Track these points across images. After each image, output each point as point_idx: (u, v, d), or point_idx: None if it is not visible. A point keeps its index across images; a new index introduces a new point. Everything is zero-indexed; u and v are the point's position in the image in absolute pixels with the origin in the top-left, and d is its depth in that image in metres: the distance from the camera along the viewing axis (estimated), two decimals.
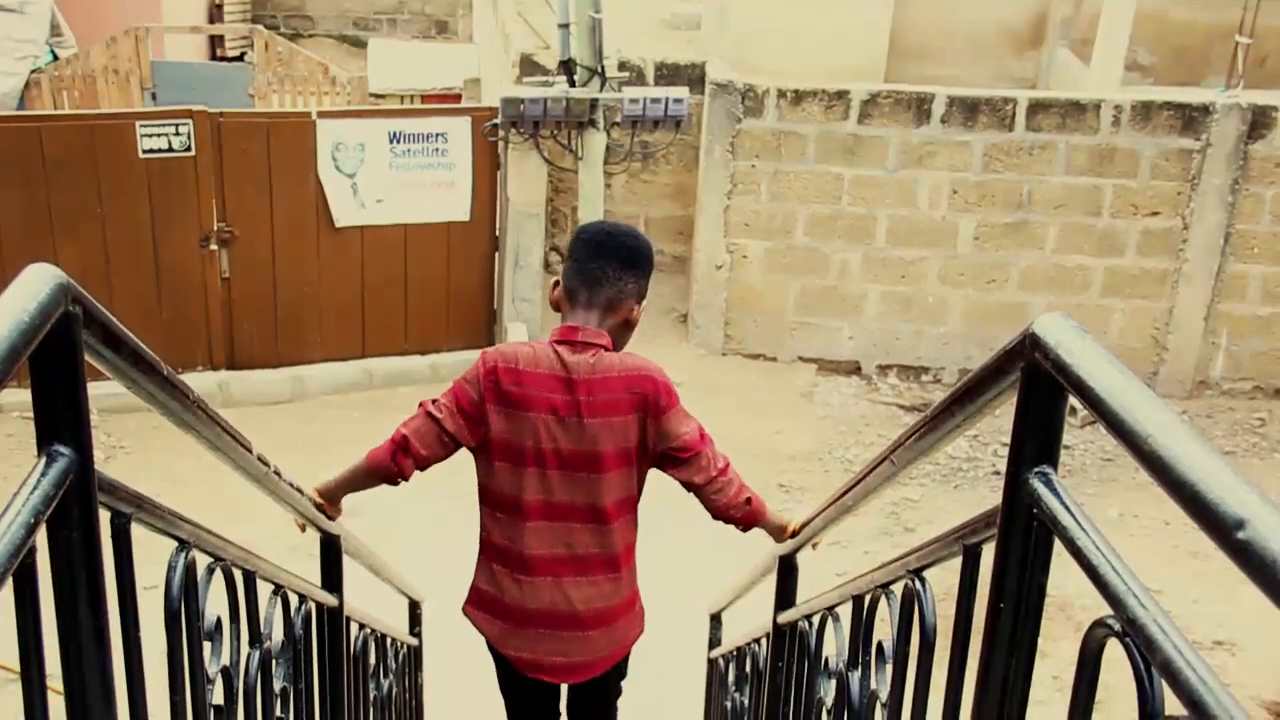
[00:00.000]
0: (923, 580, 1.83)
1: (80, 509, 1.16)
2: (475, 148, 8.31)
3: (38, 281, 1.05)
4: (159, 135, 7.72)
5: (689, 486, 2.76)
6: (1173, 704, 0.96)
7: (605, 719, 3.18)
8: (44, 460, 1.11)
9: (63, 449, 1.13)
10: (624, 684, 3.15)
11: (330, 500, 2.84)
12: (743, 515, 2.82)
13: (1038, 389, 1.21)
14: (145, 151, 7.72)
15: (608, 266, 2.69)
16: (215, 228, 8.02)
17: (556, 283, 2.80)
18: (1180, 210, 8.67)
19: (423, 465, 2.73)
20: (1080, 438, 8.16)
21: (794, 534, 2.88)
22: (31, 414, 1.13)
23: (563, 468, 2.67)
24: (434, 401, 2.71)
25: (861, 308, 9.02)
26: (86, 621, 1.18)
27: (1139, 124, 8.51)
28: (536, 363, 2.65)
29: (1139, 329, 8.95)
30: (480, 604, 2.86)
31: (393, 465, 2.71)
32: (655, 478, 2.85)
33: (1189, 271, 8.78)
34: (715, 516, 2.83)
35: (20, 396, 7.37)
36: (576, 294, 2.72)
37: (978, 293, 8.93)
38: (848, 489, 2.25)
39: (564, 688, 3.05)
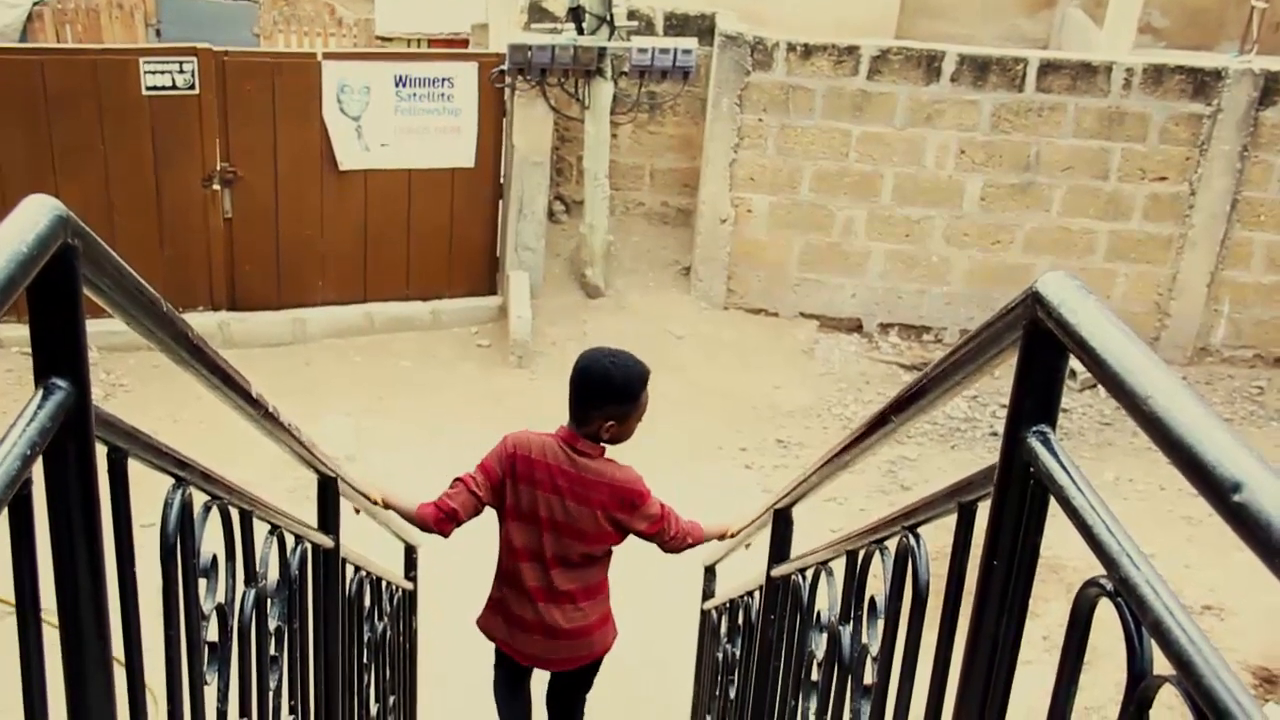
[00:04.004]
0: (917, 536, 1.83)
1: (77, 442, 1.15)
2: (481, 94, 8.25)
3: (37, 213, 1.04)
4: (163, 72, 7.66)
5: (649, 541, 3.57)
6: (1161, 664, 0.97)
7: (577, 697, 3.90)
8: (41, 393, 1.11)
9: (60, 382, 1.12)
10: (605, 661, 3.78)
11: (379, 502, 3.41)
12: (688, 549, 3.66)
13: (1039, 347, 1.21)
14: (149, 89, 7.66)
15: (577, 396, 3.38)
16: (218, 168, 7.97)
17: None
18: (1188, 176, 8.62)
19: (460, 525, 3.43)
20: (1079, 401, 8.16)
21: (734, 535, 3.67)
22: (30, 349, 1.13)
23: (555, 531, 3.44)
24: (470, 477, 3.42)
25: (865, 265, 8.99)
26: (82, 555, 1.18)
27: (1150, 87, 8.43)
28: (545, 453, 3.40)
29: (1142, 294, 8.93)
30: (492, 614, 3.65)
31: (437, 529, 3.41)
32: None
33: (1194, 237, 8.74)
34: (665, 552, 3.63)
35: (20, 332, 7.37)
36: (569, 401, 3.40)
37: (982, 253, 8.90)
38: (814, 470, 2.31)
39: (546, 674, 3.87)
